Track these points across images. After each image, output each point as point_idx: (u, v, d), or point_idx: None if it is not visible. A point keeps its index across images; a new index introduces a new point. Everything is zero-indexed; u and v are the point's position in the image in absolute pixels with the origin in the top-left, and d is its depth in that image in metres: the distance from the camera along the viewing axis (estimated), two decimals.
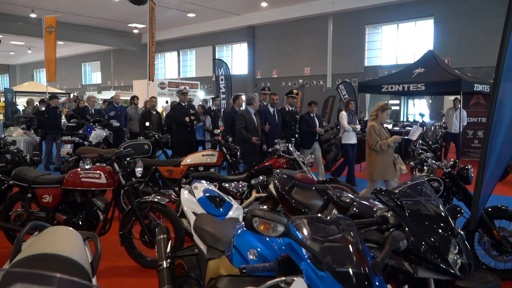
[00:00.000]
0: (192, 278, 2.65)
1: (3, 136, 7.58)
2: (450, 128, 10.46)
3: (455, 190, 4.15)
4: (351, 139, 7.95)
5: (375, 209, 2.65)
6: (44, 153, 9.54)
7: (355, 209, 2.68)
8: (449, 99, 13.67)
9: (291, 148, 5.39)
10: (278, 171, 3.92)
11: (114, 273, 4.13)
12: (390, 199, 2.33)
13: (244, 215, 1.88)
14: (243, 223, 2.32)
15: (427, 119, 12.46)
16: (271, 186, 4.07)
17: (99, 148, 7.35)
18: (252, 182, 5.01)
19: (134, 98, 11.23)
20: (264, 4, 19.70)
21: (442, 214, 2.35)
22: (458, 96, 10.57)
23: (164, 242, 2.70)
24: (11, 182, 4.59)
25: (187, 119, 8.03)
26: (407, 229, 2.26)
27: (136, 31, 27.52)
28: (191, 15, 22.76)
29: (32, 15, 21.80)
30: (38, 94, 23.58)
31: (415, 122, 10.86)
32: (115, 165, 4.19)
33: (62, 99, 26.47)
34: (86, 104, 11.12)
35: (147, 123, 9.14)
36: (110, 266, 4.21)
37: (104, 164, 4.36)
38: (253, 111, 7.15)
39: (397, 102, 17.21)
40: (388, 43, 19.63)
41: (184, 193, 3.03)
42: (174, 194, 5.77)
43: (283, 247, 1.77)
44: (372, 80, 13.25)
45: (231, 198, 3.02)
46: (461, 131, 10.21)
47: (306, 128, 7.86)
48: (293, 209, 3.33)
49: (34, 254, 1.71)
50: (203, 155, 6.18)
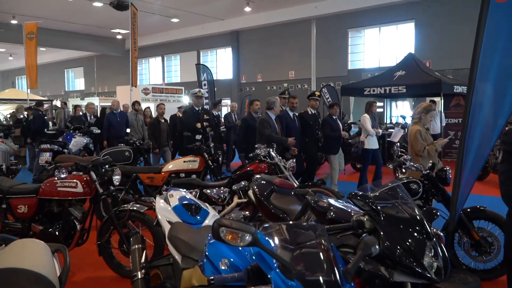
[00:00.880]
0: None
1: None
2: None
3: (434, 192, 4.18)
4: (374, 144, 7.62)
5: (352, 213, 2.63)
6: (30, 161, 9.30)
7: (332, 214, 2.67)
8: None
9: (272, 153, 5.37)
10: (257, 176, 3.89)
11: (92, 284, 4.04)
12: (365, 204, 2.32)
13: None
14: None
15: (409, 120, 12.57)
16: (250, 192, 4.04)
17: (79, 156, 7.23)
18: (234, 187, 4.98)
19: (135, 104, 10.48)
20: (247, 9, 19.72)
21: (418, 217, 2.35)
22: (434, 98, 10.71)
23: (139, 252, 2.64)
24: None
25: (198, 125, 7.41)
26: (382, 233, 2.25)
27: (119, 36, 27.30)
28: (175, 20, 22.67)
29: (13, 22, 21.46)
30: (19, 102, 23.22)
31: (396, 124, 10.95)
32: (92, 173, 4.11)
33: (45, 106, 26.11)
34: (85, 111, 10.64)
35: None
36: (88, 277, 4.13)
37: (81, 173, 4.27)
38: (273, 116, 6.74)
39: (380, 104, 17.36)
40: (371, 46, 19.82)
41: (160, 201, 2.98)
42: (155, 201, 5.70)
43: (253, 256, 1.74)
44: (355, 83, 13.34)
45: (208, 206, 2.98)
46: (441, 132, 10.32)
47: (330, 132, 7.38)
48: (272, 214, 3.30)
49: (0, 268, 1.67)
50: (184, 161, 6.13)
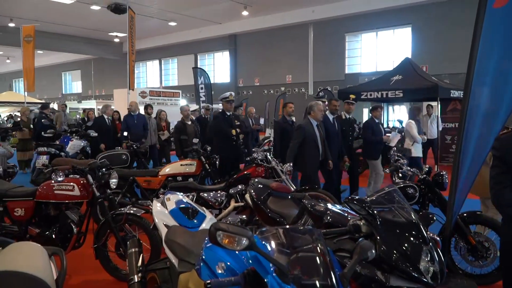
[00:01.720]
0: None
1: None
2: (426, 134, 10.62)
3: (430, 197, 4.18)
4: (420, 151, 7.37)
5: (349, 217, 2.64)
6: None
7: (329, 218, 2.67)
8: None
9: (269, 157, 5.37)
10: (254, 180, 3.89)
11: (89, 287, 4.03)
12: (362, 208, 2.33)
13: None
14: None
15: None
16: (247, 196, 4.04)
17: (76, 159, 7.21)
18: (231, 191, 4.97)
19: (148, 107, 10.03)
20: (245, 13, 19.80)
21: (414, 221, 2.35)
22: (431, 103, 10.74)
23: (136, 256, 2.64)
24: None
25: (233, 131, 6.92)
26: (378, 237, 2.25)
27: (117, 39, 27.32)
28: (173, 23, 22.72)
29: (11, 24, 21.47)
30: (16, 104, 23.21)
31: (393, 129, 10.98)
32: (89, 176, 4.11)
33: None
34: (102, 114, 9.75)
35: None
36: (85, 280, 4.11)
37: (78, 176, 4.26)
38: (315, 122, 6.10)
39: None
40: (368, 50, 19.91)
41: (157, 205, 2.98)
42: (152, 205, 5.69)
43: (250, 260, 1.74)
44: (352, 87, 13.37)
45: (205, 209, 2.98)
46: (438, 136, 10.35)
47: (372, 136, 6.96)
48: (269, 218, 3.30)
49: None
50: (181, 165, 6.12)
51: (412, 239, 2.27)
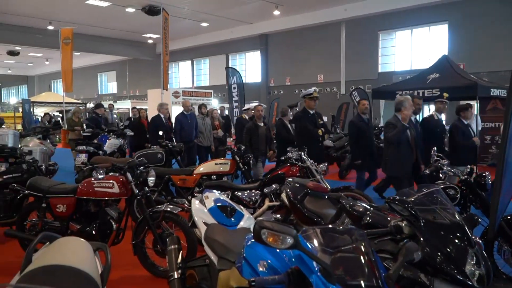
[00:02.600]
0: None
1: (19, 146, 7.69)
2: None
3: (472, 198, 4.05)
4: None
5: (389, 218, 2.59)
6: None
7: (368, 218, 2.63)
8: None
9: (303, 156, 5.34)
10: (290, 179, 3.89)
11: (127, 283, 4.12)
12: (404, 209, 2.28)
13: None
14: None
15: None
16: (283, 195, 4.03)
17: (114, 158, 7.40)
18: (265, 190, 4.98)
19: (202, 107, 9.54)
20: (276, 12, 19.77)
21: (459, 223, 2.28)
22: (470, 102, 10.38)
23: (175, 253, 2.68)
24: (26, 192, 4.65)
25: (320, 132, 6.42)
26: (422, 239, 2.20)
27: (150, 41, 27.87)
28: (205, 24, 22.96)
29: (50, 27, 22.26)
30: (55, 105, 24.10)
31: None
32: (128, 174, 4.21)
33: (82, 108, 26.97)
34: (159, 113, 9.33)
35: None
36: (123, 276, 4.21)
37: (117, 174, 4.37)
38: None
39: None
40: (402, 48, 19.47)
41: (195, 203, 3.02)
42: (187, 203, 5.77)
43: (293, 259, 1.73)
44: (386, 86, 13.12)
45: (242, 208, 3.00)
46: (478, 136, 10.00)
47: (463, 139, 6.32)
48: (305, 218, 3.29)
49: (44, 265, 1.71)
50: (215, 164, 6.18)
51: (456, 241, 2.20)
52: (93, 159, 6.75)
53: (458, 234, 2.24)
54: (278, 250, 1.88)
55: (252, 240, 2.10)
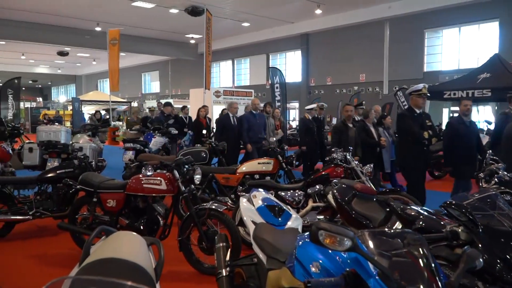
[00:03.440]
0: (251, 287, 2.64)
1: (71, 142, 8.06)
2: None
3: None
4: None
5: (443, 223, 2.50)
6: None
7: (421, 223, 2.55)
8: None
9: (348, 157, 5.26)
10: (336, 180, 3.84)
11: (173, 278, 4.21)
12: (462, 213, 2.20)
13: (305, 225, 1.84)
14: (306, 234, 2.28)
15: (493, 127, 11.74)
16: (330, 196, 3.99)
17: (158, 155, 7.59)
18: (309, 191, 4.95)
19: (267, 106, 9.23)
20: (318, 11, 19.58)
21: None
22: None
23: (224, 250, 2.71)
24: (78, 186, 4.85)
25: (426, 134, 5.67)
26: (480, 245, 2.12)
27: (192, 41, 28.35)
28: (246, 24, 23.10)
29: (97, 29, 23.11)
30: (102, 103, 25.04)
31: (481, 131, 10.26)
32: (175, 172, 4.30)
33: (124, 108, 27.90)
34: (227, 111, 9.12)
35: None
36: (170, 271, 4.30)
37: (165, 171, 4.48)
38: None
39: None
40: (450, 47, 18.77)
41: (243, 201, 3.04)
42: (230, 201, 5.83)
43: (348, 261, 1.71)
44: (433, 86, 12.69)
45: (289, 208, 2.99)
46: None
47: None
48: (353, 220, 3.23)
49: (102, 258, 1.77)
50: (258, 163, 6.20)
51: None
52: (139, 157, 6.97)
53: None
54: (330, 251, 1.86)
55: (305, 240, 2.09)
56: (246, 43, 26.40)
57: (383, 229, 2.62)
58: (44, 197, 5.58)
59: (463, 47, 18.30)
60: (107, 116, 11.84)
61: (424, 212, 2.69)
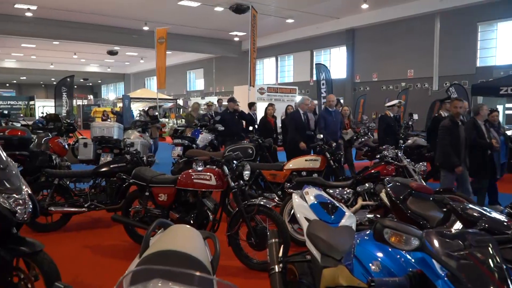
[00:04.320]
0: (304, 284, 2.62)
1: (123, 138, 8.35)
2: None
3: None
4: None
5: (507, 224, 2.38)
6: None
7: (484, 224, 2.43)
8: None
9: (400, 155, 5.11)
10: (389, 178, 3.73)
11: (221, 272, 4.26)
12: None
13: (358, 222, 1.80)
14: (363, 232, 2.24)
15: None
16: (383, 194, 3.89)
17: (206, 151, 7.71)
18: (358, 189, 4.86)
19: (338, 103, 8.69)
20: (364, 6, 19.13)
21: None
22: None
23: (276, 246, 2.71)
24: (131, 180, 5.02)
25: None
26: None
27: (236, 38, 28.57)
28: (290, 21, 22.98)
29: (145, 28, 23.77)
30: (149, 100, 25.76)
31: None
32: (225, 167, 4.35)
33: (169, 105, 28.57)
34: (298, 108, 8.44)
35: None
36: (220, 265, 4.35)
37: (214, 167, 4.54)
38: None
39: None
40: (505, 41, 17.80)
41: (295, 198, 3.02)
42: (277, 198, 5.83)
43: (412, 261, 1.66)
44: (488, 81, 12.11)
45: (343, 206, 2.94)
46: None
47: None
48: (408, 219, 3.13)
49: (162, 250, 1.81)
50: (306, 160, 6.15)
51: None
52: (188, 152, 7.11)
53: None
54: (390, 250, 1.81)
55: (363, 238, 2.05)
56: (290, 39, 26.28)
57: (456, 229, 2.53)
58: (99, 190, 5.83)
59: None
60: (156, 113, 12.12)
61: (486, 213, 2.57)
